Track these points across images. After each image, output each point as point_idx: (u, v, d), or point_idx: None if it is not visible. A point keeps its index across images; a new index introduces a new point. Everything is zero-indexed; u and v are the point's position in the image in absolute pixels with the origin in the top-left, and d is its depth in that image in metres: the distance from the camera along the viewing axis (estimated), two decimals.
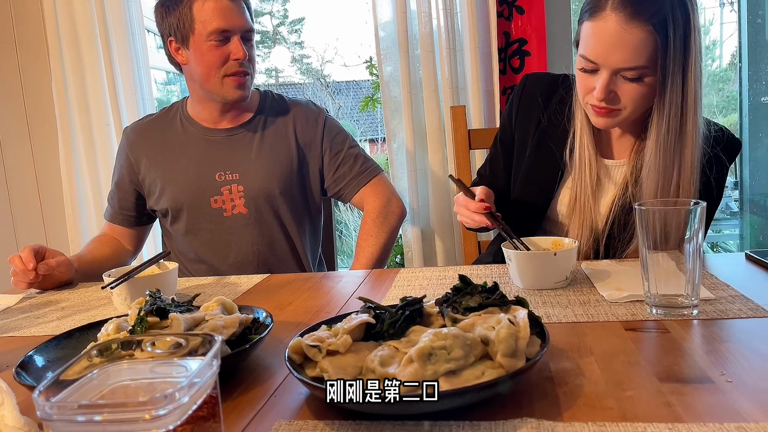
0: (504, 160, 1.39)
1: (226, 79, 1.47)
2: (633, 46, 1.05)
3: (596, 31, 1.07)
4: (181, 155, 1.57)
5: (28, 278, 1.27)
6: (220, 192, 1.53)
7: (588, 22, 1.09)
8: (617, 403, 0.60)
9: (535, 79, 1.36)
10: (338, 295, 1.14)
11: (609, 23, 1.05)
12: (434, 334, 0.64)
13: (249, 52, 1.48)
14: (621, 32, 1.04)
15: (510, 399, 0.63)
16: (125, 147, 1.62)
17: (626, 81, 1.09)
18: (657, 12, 1.03)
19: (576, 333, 0.81)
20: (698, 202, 0.82)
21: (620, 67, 1.07)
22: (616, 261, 1.19)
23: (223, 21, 1.43)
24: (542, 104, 1.31)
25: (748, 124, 2.77)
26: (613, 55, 1.06)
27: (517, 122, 1.35)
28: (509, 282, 1.09)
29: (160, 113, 1.66)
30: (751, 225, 2.97)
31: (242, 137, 1.57)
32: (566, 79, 1.30)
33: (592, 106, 1.14)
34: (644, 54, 1.05)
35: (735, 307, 0.86)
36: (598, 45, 1.07)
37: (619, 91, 1.10)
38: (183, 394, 0.45)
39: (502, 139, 1.40)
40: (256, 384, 0.73)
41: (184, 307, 0.84)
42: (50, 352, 0.80)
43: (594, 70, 1.10)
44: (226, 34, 1.45)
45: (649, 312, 0.86)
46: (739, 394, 0.61)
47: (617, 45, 1.05)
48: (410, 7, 2.14)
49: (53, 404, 0.44)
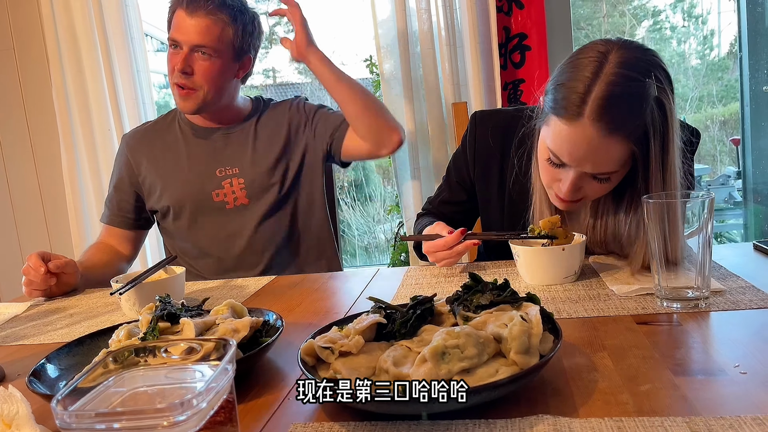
0: (466, 200, 1.34)
1: (174, 87, 1.52)
2: (608, 157, 0.99)
3: (571, 137, 0.98)
4: (181, 155, 1.60)
5: (44, 282, 1.28)
6: (221, 186, 1.57)
7: (561, 123, 0.99)
8: (633, 397, 0.60)
9: (484, 120, 1.29)
10: (346, 296, 1.14)
11: (586, 133, 0.96)
12: (447, 333, 0.64)
13: (193, 65, 1.48)
14: (597, 144, 0.97)
15: (524, 396, 0.63)
16: (125, 151, 1.65)
17: (594, 180, 1.04)
18: (636, 127, 0.96)
19: (587, 328, 0.81)
20: (707, 194, 0.82)
21: (593, 173, 1.02)
22: None
23: (176, 31, 1.48)
24: (499, 150, 1.26)
25: (749, 113, 2.77)
26: (587, 162, 1.00)
27: (476, 174, 1.30)
28: (517, 278, 1.09)
29: (157, 119, 1.72)
30: (755, 214, 2.97)
31: (239, 134, 1.61)
32: (519, 117, 1.20)
33: (556, 194, 1.09)
34: (619, 162, 1.00)
35: (746, 298, 0.86)
36: (572, 150, 1.00)
37: (586, 187, 1.06)
38: (201, 400, 0.45)
39: (459, 182, 1.34)
40: (269, 387, 0.73)
41: (194, 312, 0.84)
42: (62, 359, 0.80)
43: (561, 165, 1.04)
44: (176, 44, 1.48)
45: (659, 305, 0.86)
46: (754, 386, 0.61)
47: (592, 154, 0.98)
48: (409, 4, 2.14)
49: (71, 413, 0.44)
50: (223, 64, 1.50)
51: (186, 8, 1.45)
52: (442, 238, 1.12)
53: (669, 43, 4.89)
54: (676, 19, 4.95)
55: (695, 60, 5.01)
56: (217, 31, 1.46)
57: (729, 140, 4.40)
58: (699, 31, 4.98)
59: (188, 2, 1.45)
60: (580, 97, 0.95)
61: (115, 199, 1.65)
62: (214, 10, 1.45)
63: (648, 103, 0.95)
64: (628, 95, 0.95)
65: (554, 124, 1.01)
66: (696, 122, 4.62)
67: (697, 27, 4.98)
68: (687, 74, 4.85)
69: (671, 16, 4.93)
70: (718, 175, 4.23)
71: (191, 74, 1.48)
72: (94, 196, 2.44)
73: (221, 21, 1.47)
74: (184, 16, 1.46)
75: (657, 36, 4.79)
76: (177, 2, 1.48)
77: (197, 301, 0.93)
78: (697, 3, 4.95)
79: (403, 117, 2.20)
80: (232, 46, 1.51)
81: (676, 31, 4.94)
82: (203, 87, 1.49)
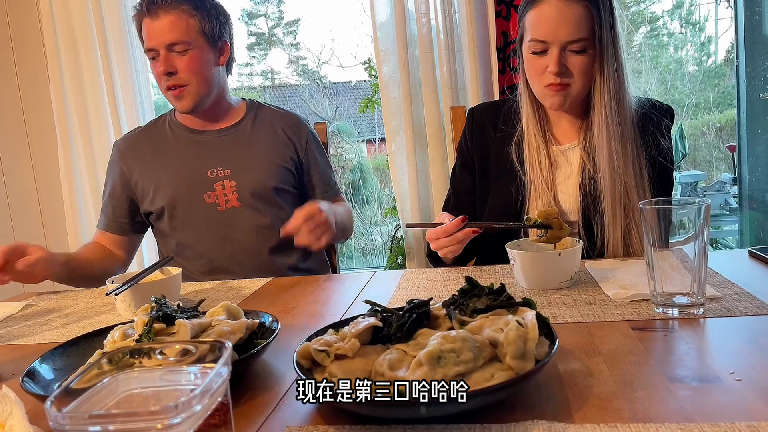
0: (469, 182, 1.45)
1: (167, 93, 1.54)
2: (576, 20, 1.20)
3: (542, 15, 1.22)
4: (172, 157, 1.61)
5: None
6: (213, 188, 1.57)
7: (532, 11, 1.24)
8: (628, 403, 0.60)
9: (481, 109, 1.48)
10: (342, 298, 1.14)
11: (552, 4, 1.21)
12: (443, 337, 0.64)
13: (175, 63, 1.50)
14: (564, 9, 1.20)
15: (520, 401, 0.63)
16: (117, 158, 1.66)
17: (573, 54, 1.23)
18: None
19: (583, 333, 0.81)
20: (703, 201, 0.82)
21: (568, 40, 1.21)
22: (619, 260, 1.19)
23: (147, 40, 1.51)
24: (492, 126, 1.42)
25: (746, 120, 2.78)
26: (560, 30, 1.21)
27: (474, 147, 1.43)
28: (513, 282, 1.09)
29: (148, 124, 1.73)
30: (750, 221, 2.98)
31: (232, 136, 1.62)
32: (509, 100, 1.43)
33: (547, 86, 1.25)
34: (585, 26, 1.20)
35: (741, 305, 0.86)
36: (547, 25, 1.21)
37: (568, 65, 1.24)
38: (196, 403, 0.45)
39: (463, 164, 1.47)
40: (264, 389, 0.73)
41: (190, 313, 0.83)
42: (56, 360, 0.79)
43: (544, 51, 1.23)
44: (154, 53, 1.51)
45: (655, 311, 0.86)
46: (749, 393, 0.61)
47: (563, 21, 1.20)
48: (408, 7, 2.14)
49: (65, 414, 0.44)
50: (201, 54, 1.52)
51: (148, 14, 1.49)
52: (442, 225, 1.17)
53: (666, 49, 4.91)
54: (674, 26, 4.97)
55: (692, 66, 5.03)
56: (182, 24, 1.49)
57: (725, 147, 4.42)
58: (696, 37, 5.00)
59: (147, 7, 1.49)
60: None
61: (110, 206, 1.66)
62: (172, 5, 1.49)
63: None
64: None
65: (528, 19, 1.25)
66: (692, 128, 4.63)
67: (694, 33, 5.00)
68: (684, 80, 4.87)
69: (669, 23, 4.95)
70: (714, 181, 4.24)
71: (175, 72, 1.50)
72: (91, 195, 2.43)
73: (183, 12, 1.50)
74: (149, 22, 1.49)
75: (654, 42, 4.81)
76: (139, 15, 1.52)
77: (193, 303, 0.93)
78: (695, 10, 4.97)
79: (401, 120, 2.20)
80: (204, 34, 1.53)
81: (674, 37, 4.96)
82: (190, 80, 1.51)
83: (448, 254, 1.23)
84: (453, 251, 1.20)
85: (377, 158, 4.68)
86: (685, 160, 4.15)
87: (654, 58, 4.77)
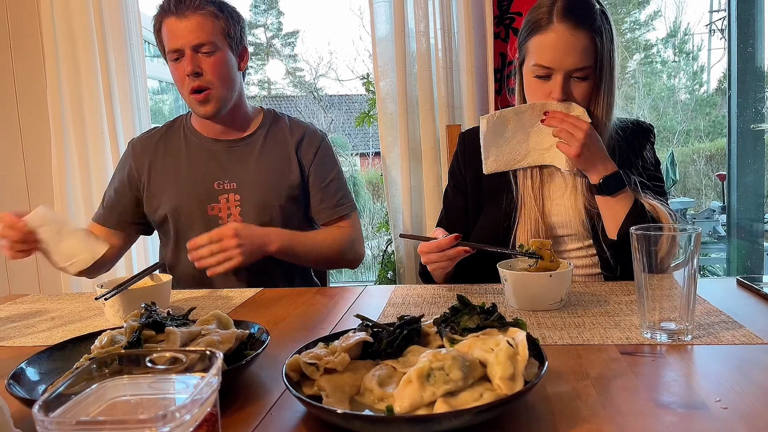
0: (462, 204, 1.44)
1: (190, 96, 1.51)
2: (582, 49, 1.22)
3: (549, 42, 1.23)
4: (182, 163, 1.60)
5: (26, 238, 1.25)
6: (218, 200, 1.56)
7: (537, 37, 1.24)
8: (615, 427, 0.61)
9: (472, 133, 1.46)
10: (333, 312, 1.14)
11: (559, 33, 1.22)
12: (433, 355, 0.64)
13: (201, 65, 1.48)
14: (571, 39, 1.21)
15: (508, 421, 0.63)
16: (130, 155, 1.65)
17: (576, 81, 1.25)
18: (594, 20, 1.23)
19: (572, 356, 0.81)
20: (694, 228, 0.83)
21: (573, 68, 1.22)
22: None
23: (172, 41, 1.48)
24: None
25: (736, 149, 2.82)
26: (567, 59, 1.22)
27: (466, 169, 1.43)
28: (504, 302, 1.09)
29: (164, 126, 1.71)
30: (738, 249, 3.01)
31: (242, 149, 1.60)
32: None
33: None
34: (590, 55, 1.23)
35: (728, 333, 0.87)
36: (553, 53, 1.22)
37: (570, 90, 1.26)
38: (184, 412, 0.44)
39: (455, 186, 1.47)
40: (251, 401, 0.72)
41: (179, 321, 0.83)
42: (42, 363, 0.79)
43: (547, 76, 1.25)
44: (178, 54, 1.49)
45: (644, 336, 0.87)
46: (734, 422, 0.61)
47: (569, 50, 1.22)
48: (408, 25, 2.16)
49: (52, 420, 0.44)
50: (225, 57, 1.51)
51: (175, 13, 1.47)
52: (435, 240, 1.16)
53: (659, 76, 4.98)
54: (668, 54, 5.05)
55: (684, 94, 5.10)
56: (209, 25, 1.48)
57: (715, 175, 4.47)
58: (689, 66, 5.08)
59: (176, 6, 1.47)
60: (547, 10, 1.23)
61: (113, 201, 1.64)
62: (200, 6, 1.48)
63: (596, 6, 1.25)
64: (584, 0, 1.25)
65: (533, 44, 1.25)
66: (683, 155, 4.69)
67: (687, 62, 5.08)
68: (676, 108, 4.94)
69: (663, 51, 5.03)
70: (703, 208, 4.29)
71: (201, 74, 1.48)
72: (82, 199, 2.42)
73: (210, 14, 1.49)
74: (175, 21, 1.47)
75: (648, 69, 4.88)
76: (163, 13, 1.49)
77: (183, 311, 0.93)
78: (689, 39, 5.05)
79: (397, 135, 2.21)
80: (228, 37, 1.52)
81: (667, 65, 5.04)
82: (215, 84, 1.49)
83: (437, 270, 1.22)
84: (442, 267, 1.20)
85: (371, 172, 4.69)
86: (675, 186, 4.19)
87: (647, 84, 4.84)
